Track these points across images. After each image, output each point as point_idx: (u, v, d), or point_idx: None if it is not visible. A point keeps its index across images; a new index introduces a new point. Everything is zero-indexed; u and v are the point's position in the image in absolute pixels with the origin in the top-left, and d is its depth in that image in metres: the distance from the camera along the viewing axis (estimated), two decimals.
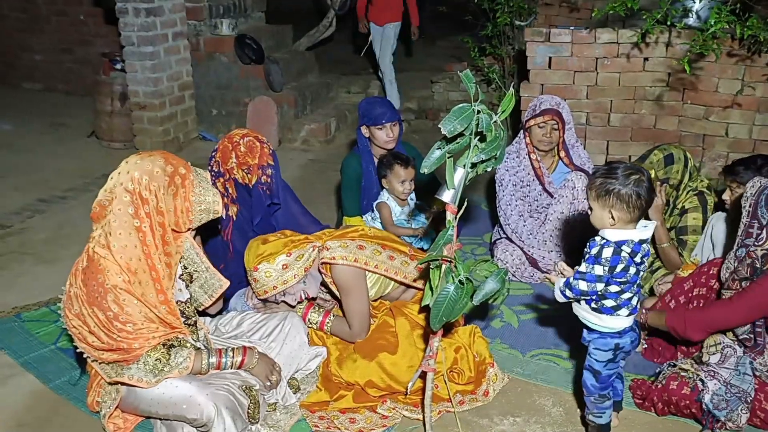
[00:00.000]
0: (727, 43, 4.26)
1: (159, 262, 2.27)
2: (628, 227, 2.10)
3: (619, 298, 2.14)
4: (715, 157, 4.66)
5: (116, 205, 2.19)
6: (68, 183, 5.11)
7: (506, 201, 3.58)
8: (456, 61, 7.05)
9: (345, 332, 2.78)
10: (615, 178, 2.08)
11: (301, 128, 6.17)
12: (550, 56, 4.77)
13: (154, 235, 2.23)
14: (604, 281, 2.10)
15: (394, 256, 2.76)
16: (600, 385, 2.26)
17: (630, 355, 2.32)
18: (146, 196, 2.19)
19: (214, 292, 2.50)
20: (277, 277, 2.59)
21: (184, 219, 2.29)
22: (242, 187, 2.88)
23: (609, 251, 2.08)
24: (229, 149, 2.85)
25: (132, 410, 2.40)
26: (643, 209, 2.08)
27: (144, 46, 5.52)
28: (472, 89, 1.88)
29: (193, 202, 2.28)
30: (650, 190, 2.08)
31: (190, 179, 2.29)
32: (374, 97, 5.18)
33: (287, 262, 2.59)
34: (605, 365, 2.23)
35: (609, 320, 2.18)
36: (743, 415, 2.37)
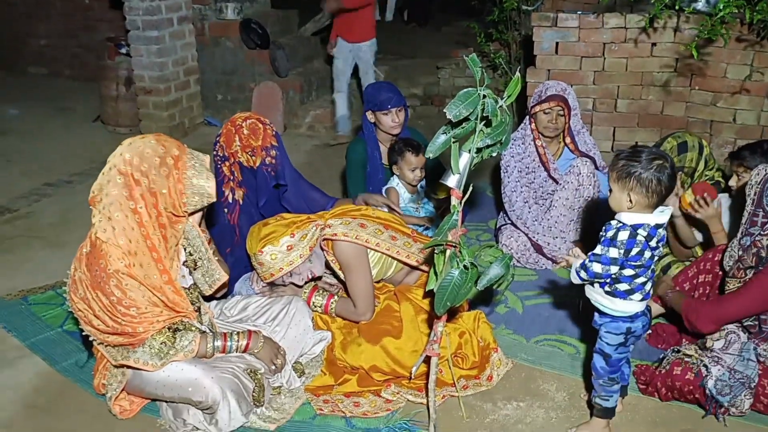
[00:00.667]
0: (736, 28, 4.22)
1: (159, 243, 2.27)
2: (644, 212, 2.09)
3: (633, 282, 2.14)
4: (722, 144, 4.63)
5: (111, 188, 2.20)
6: (74, 168, 5.13)
7: (511, 187, 3.57)
8: (462, 46, 7.00)
9: (350, 312, 2.78)
10: (638, 162, 2.07)
11: (307, 114, 6.15)
12: (557, 41, 4.73)
13: (150, 217, 2.24)
14: (619, 264, 2.10)
15: (396, 237, 2.76)
16: (610, 369, 2.27)
17: (640, 339, 2.32)
18: (138, 177, 2.20)
19: (214, 283, 2.52)
20: (282, 258, 2.59)
21: (178, 201, 2.27)
22: (248, 170, 2.88)
23: (625, 234, 2.08)
24: (233, 133, 2.84)
25: (138, 393, 2.42)
26: (663, 196, 2.07)
27: (149, 31, 5.50)
28: (478, 73, 1.87)
29: (185, 184, 2.26)
30: (672, 177, 2.07)
31: (183, 160, 2.27)
32: (380, 82, 5.16)
33: (292, 242, 2.59)
34: (616, 349, 2.24)
35: (622, 304, 2.18)
36: (746, 401, 2.38)
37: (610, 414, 2.34)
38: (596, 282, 2.21)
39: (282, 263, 2.60)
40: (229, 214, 2.92)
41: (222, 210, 2.92)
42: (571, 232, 3.56)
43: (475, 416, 2.50)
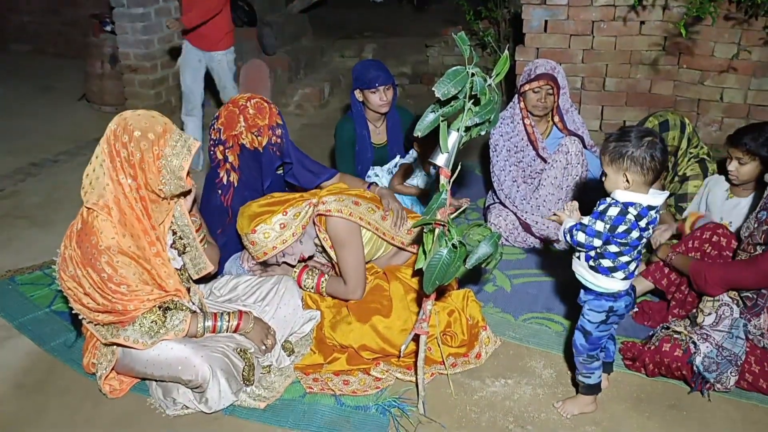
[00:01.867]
0: (723, 6, 4.22)
1: (142, 216, 2.27)
2: (641, 190, 2.10)
3: (617, 260, 2.15)
4: (709, 122, 4.66)
5: (101, 157, 2.21)
6: (60, 146, 5.08)
7: (500, 166, 3.58)
8: (451, 24, 6.95)
9: (341, 290, 2.79)
10: (628, 141, 2.08)
11: (295, 92, 6.11)
12: (546, 19, 4.71)
13: (131, 189, 2.23)
14: (603, 239, 2.12)
15: (387, 217, 2.76)
16: (589, 346, 2.29)
17: (623, 318, 2.34)
18: (119, 147, 2.19)
19: (200, 271, 2.52)
20: (275, 237, 2.59)
21: (156, 180, 2.24)
22: (249, 152, 2.85)
23: (615, 210, 2.09)
24: (236, 113, 2.81)
25: (127, 372, 2.43)
26: (658, 171, 2.08)
27: (134, 8, 5.42)
28: (467, 51, 1.86)
29: (162, 162, 2.22)
30: (664, 152, 2.08)
31: (165, 138, 2.23)
32: (368, 60, 5.10)
33: (284, 221, 2.59)
34: (597, 326, 2.26)
35: (604, 281, 2.20)
36: (732, 378, 2.41)
37: (595, 390, 2.37)
38: (580, 251, 2.23)
39: (275, 242, 2.60)
40: (223, 196, 2.91)
41: (215, 191, 2.90)
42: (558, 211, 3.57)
43: (464, 393, 2.53)
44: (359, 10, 9.01)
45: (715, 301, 2.52)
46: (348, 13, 8.82)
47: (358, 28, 8.05)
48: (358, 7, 9.20)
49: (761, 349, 2.43)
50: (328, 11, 8.44)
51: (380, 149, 3.71)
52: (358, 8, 9.12)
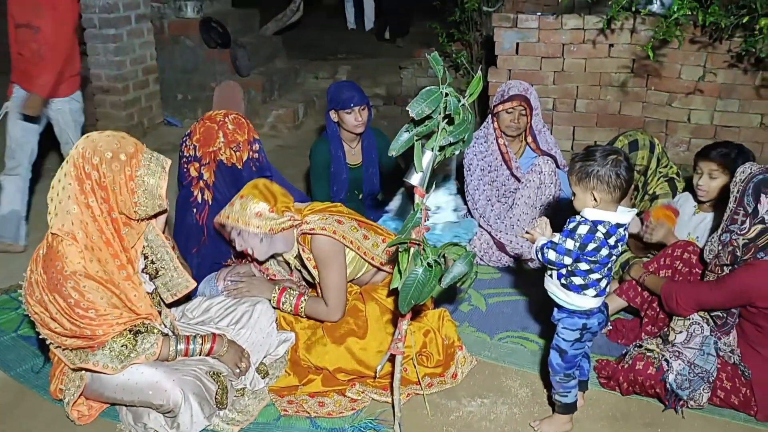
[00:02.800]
0: (689, 30, 4.33)
1: (113, 239, 2.23)
2: (609, 208, 2.13)
3: (588, 277, 2.17)
4: (677, 143, 4.75)
5: (67, 180, 2.16)
6: None
7: (474, 185, 3.60)
8: (424, 46, 7.03)
9: (321, 311, 2.74)
10: (593, 160, 2.11)
11: (269, 114, 6.11)
12: (517, 42, 4.79)
13: (102, 212, 2.19)
14: (573, 257, 2.14)
15: (368, 236, 2.75)
16: (566, 365, 2.30)
17: (597, 335, 2.36)
18: (89, 170, 2.15)
19: (178, 292, 2.47)
20: (246, 215, 2.53)
21: (129, 200, 2.21)
22: (227, 169, 2.83)
23: (585, 228, 2.11)
24: (215, 129, 2.79)
25: (96, 397, 2.37)
26: (624, 188, 2.11)
27: (106, 29, 5.39)
28: (440, 71, 1.88)
29: (137, 183, 2.20)
30: (629, 170, 2.11)
31: (137, 158, 2.21)
32: (343, 81, 5.14)
33: (263, 212, 2.52)
34: (572, 345, 2.27)
35: (576, 298, 2.21)
36: (704, 395, 2.44)
37: (571, 409, 2.37)
38: (552, 270, 2.24)
39: (243, 218, 2.52)
40: (198, 214, 2.88)
41: (190, 209, 2.88)
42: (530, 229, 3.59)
43: (440, 414, 2.51)
44: (333, 32, 9.07)
45: (686, 320, 2.54)
46: (322, 34, 8.88)
47: (331, 50, 8.11)
48: (331, 29, 9.27)
49: (732, 366, 2.46)
50: (301, 33, 8.48)
51: (355, 170, 3.71)
52: (331, 30, 9.19)
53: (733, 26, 3.86)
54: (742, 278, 2.37)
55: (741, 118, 4.57)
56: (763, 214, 2.34)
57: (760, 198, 2.35)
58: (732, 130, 4.60)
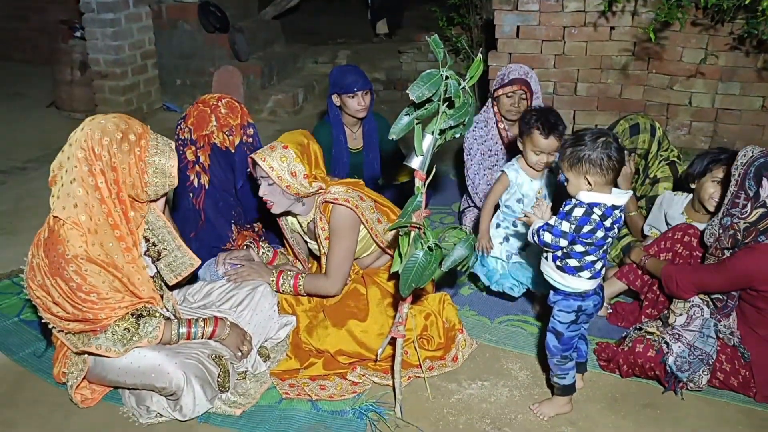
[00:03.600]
0: (691, 12, 4.31)
1: (120, 221, 2.23)
2: (604, 190, 2.13)
3: (583, 259, 2.18)
4: (678, 126, 4.74)
5: (72, 164, 2.15)
6: (28, 154, 4.98)
7: (474, 170, 3.59)
8: (424, 30, 6.99)
9: (320, 285, 2.74)
10: (583, 145, 2.11)
11: (268, 99, 6.08)
12: (518, 25, 4.76)
13: (111, 193, 2.19)
14: (569, 239, 2.14)
15: (381, 220, 2.75)
16: (562, 347, 2.31)
17: (592, 318, 2.37)
18: (99, 151, 2.15)
19: (182, 272, 2.46)
20: (282, 170, 2.52)
21: (140, 181, 2.22)
22: (221, 152, 2.83)
23: (580, 211, 2.12)
24: (208, 113, 2.79)
25: (99, 381, 2.38)
26: (617, 169, 2.12)
27: (104, 13, 5.36)
28: (441, 54, 1.87)
29: (147, 162, 2.22)
30: (620, 150, 2.12)
31: (146, 138, 2.23)
32: (346, 65, 5.08)
33: (298, 174, 2.53)
34: (567, 327, 2.28)
35: (571, 280, 2.22)
36: (704, 377, 2.45)
37: (570, 391, 2.39)
38: (548, 252, 2.25)
39: (278, 169, 2.52)
40: (195, 198, 2.89)
41: (187, 194, 2.88)
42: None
43: (441, 396, 2.53)
44: (332, 16, 9.01)
45: (686, 303, 2.55)
46: (321, 19, 8.82)
47: (331, 35, 8.06)
48: (331, 13, 9.21)
49: (731, 348, 2.47)
50: (301, 17, 8.42)
51: (356, 154, 3.70)
52: (331, 14, 9.12)
53: (735, 8, 3.85)
54: (743, 261, 2.38)
55: (742, 101, 4.56)
56: (764, 197, 2.34)
57: (761, 181, 2.35)
58: (733, 113, 4.59)
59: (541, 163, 2.87)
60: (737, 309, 2.53)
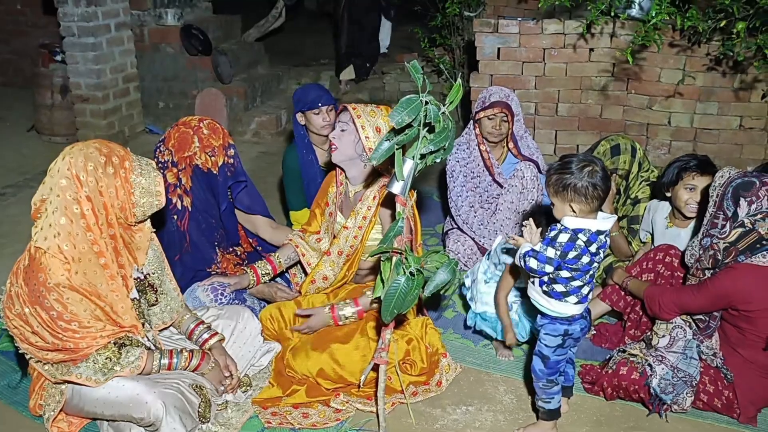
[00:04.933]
0: (668, 34, 4.37)
1: (107, 248, 2.20)
2: (589, 216, 2.14)
3: (569, 285, 2.17)
4: (658, 146, 4.79)
5: (55, 192, 2.13)
6: (7, 179, 4.92)
7: (457, 192, 3.60)
8: (406, 51, 7.05)
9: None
10: (570, 173, 2.12)
11: (252, 120, 6.08)
12: (498, 47, 4.80)
13: (98, 220, 2.17)
14: (554, 265, 2.14)
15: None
16: (548, 371, 2.30)
17: (580, 342, 2.36)
18: (84, 177, 2.12)
19: (171, 318, 2.51)
20: (369, 121, 2.64)
21: (128, 202, 2.21)
22: (203, 174, 2.82)
23: (565, 237, 2.12)
24: (190, 134, 2.78)
25: (77, 412, 2.33)
26: (601, 198, 2.13)
27: (85, 37, 5.34)
28: (420, 80, 1.88)
29: (133, 183, 2.21)
30: (605, 179, 2.13)
31: (129, 160, 2.22)
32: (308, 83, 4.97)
33: (382, 131, 2.63)
34: (554, 351, 2.27)
35: (558, 305, 2.21)
36: (688, 399, 2.45)
37: (555, 415, 2.37)
38: (534, 277, 2.24)
39: (365, 119, 2.65)
40: (179, 221, 2.86)
41: (170, 217, 2.85)
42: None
43: (425, 422, 2.50)
44: (315, 37, 9.05)
45: (668, 324, 2.56)
46: (304, 40, 8.85)
47: (313, 56, 8.08)
48: (314, 34, 9.24)
49: (714, 369, 2.48)
50: (283, 39, 8.45)
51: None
52: (314, 36, 9.16)
53: (711, 30, 3.90)
54: (724, 281, 2.39)
55: (720, 121, 4.61)
56: (742, 217, 2.36)
57: (739, 201, 2.37)
58: (711, 133, 4.65)
59: None
60: (719, 330, 2.54)
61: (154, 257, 2.42)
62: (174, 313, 2.51)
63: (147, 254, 2.38)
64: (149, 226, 2.38)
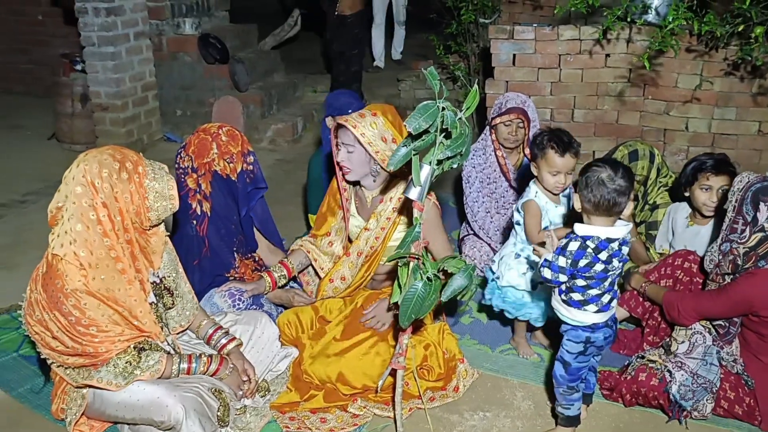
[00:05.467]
0: (685, 39, 4.35)
1: (123, 253, 2.23)
2: (600, 223, 2.13)
3: (586, 293, 2.17)
4: (675, 152, 4.76)
5: (71, 200, 2.15)
6: (28, 187, 4.99)
7: (473, 198, 3.60)
8: (422, 59, 7.07)
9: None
10: (589, 182, 2.13)
11: (268, 128, 6.12)
12: (514, 53, 4.80)
13: (114, 225, 2.19)
14: (567, 274, 2.14)
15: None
16: (569, 377, 2.29)
17: (603, 350, 2.35)
18: (99, 184, 2.15)
19: (187, 319, 2.52)
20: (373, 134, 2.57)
21: (142, 206, 2.23)
22: (222, 180, 2.85)
23: (575, 245, 2.12)
24: (209, 141, 2.82)
25: (98, 416, 2.36)
26: (611, 210, 2.12)
27: (105, 47, 5.42)
28: (437, 86, 1.89)
29: (147, 187, 2.23)
30: (621, 194, 2.11)
31: (142, 165, 2.25)
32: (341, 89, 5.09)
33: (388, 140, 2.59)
34: (575, 357, 2.26)
35: (577, 314, 2.21)
36: (708, 405, 2.43)
37: (574, 422, 2.36)
38: (552, 287, 2.24)
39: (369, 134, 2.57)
40: (198, 226, 2.89)
41: (190, 221, 2.88)
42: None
43: (442, 428, 2.50)
44: None
45: (687, 330, 2.54)
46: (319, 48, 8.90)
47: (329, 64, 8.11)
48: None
49: (735, 375, 2.45)
50: (299, 47, 8.51)
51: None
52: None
53: (729, 35, 3.88)
54: (744, 287, 2.37)
55: (738, 126, 4.58)
56: (762, 222, 2.34)
57: (759, 206, 2.35)
58: (730, 138, 4.61)
59: (559, 185, 2.70)
60: (739, 336, 2.52)
61: (169, 260, 2.44)
62: (190, 316, 2.53)
63: (162, 258, 2.41)
64: (164, 230, 2.41)
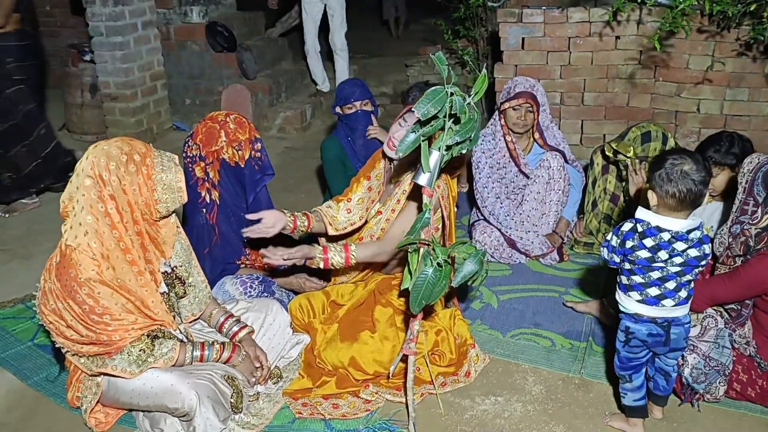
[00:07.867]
0: (696, 20, 4.29)
1: (132, 245, 2.25)
2: (664, 213, 2.12)
3: (630, 279, 2.18)
4: (687, 134, 4.71)
5: (81, 192, 2.17)
6: None
7: (483, 183, 3.60)
8: (430, 44, 7.02)
9: (373, 248, 2.67)
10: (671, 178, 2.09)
11: (277, 116, 6.12)
12: (523, 37, 4.77)
13: (122, 217, 2.21)
14: (618, 254, 2.17)
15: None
16: (619, 365, 2.30)
17: (655, 348, 2.25)
18: (107, 177, 2.17)
19: (200, 308, 2.54)
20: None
21: (150, 199, 2.25)
22: (230, 168, 2.86)
23: (628, 226, 2.15)
24: (217, 129, 2.82)
25: (113, 403, 2.39)
26: (677, 203, 2.09)
27: (113, 36, 5.43)
28: (445, 71, 1.88)
29: (155, 180, 2.24)
30: (689, 189, 2.07)
31: (150, 157, 2.25)
32: (349, 78, 5.15)
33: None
34: (623, 346, 2.27)
35: (623, 298, 2.23)
36: (721, 388, 2.42)
37: (630, 412, 2.34)
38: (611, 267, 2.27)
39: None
40: (208, 214, 2.91)
41: (199, 210, 2.90)
42: (543, 226, 3.59)
43: (454, 413, 2.51)
44: None
45: (699, 314, 2.53)
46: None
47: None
48: None
49: (747, 358, 2.44)
50: None
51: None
52: None
53: (741, 15, 3.83)
54: (757, 268, 2.35)
55: (750, 107, 4.52)
56: None
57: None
58: (742, 119, 4.56)
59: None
60: (752, 318, 2.50)
61: (181, 249, 2.46)
62: (202, 304, 2.55)
63: (174, 247, 2.42)
64: (174, 220, 2.43)
